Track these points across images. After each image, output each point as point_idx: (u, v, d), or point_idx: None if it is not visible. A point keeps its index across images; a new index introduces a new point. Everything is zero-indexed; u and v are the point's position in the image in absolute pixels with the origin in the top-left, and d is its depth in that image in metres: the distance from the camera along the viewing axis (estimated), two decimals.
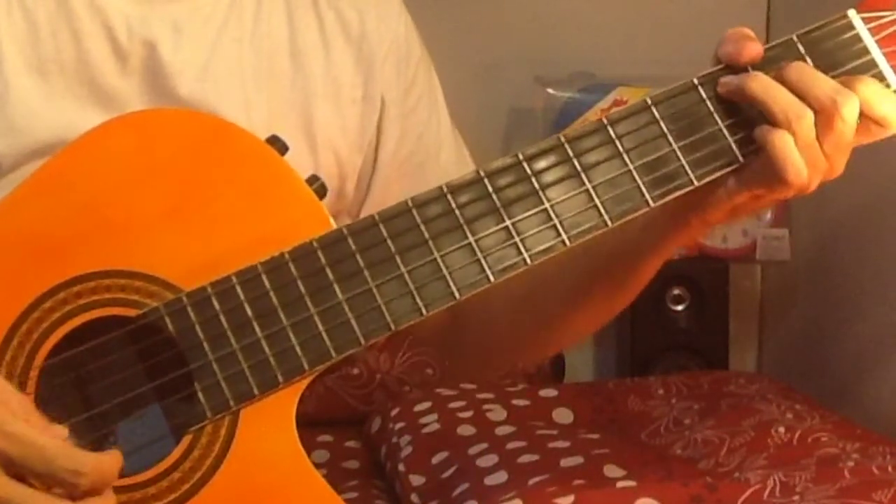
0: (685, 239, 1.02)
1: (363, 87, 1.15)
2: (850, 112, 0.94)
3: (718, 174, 0.97)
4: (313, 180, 0.98)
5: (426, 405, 2.02)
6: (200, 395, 0.93)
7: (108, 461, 0.88)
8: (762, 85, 0.95)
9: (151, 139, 0.98)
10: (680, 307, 2.44)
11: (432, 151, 1.19)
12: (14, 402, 0.88)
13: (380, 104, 1.16)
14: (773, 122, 0.94)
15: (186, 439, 0.94)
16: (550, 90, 2.37)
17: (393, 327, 0.94)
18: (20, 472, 0.86)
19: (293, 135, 1.09)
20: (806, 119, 0.93)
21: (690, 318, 2.44)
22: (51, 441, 0.86)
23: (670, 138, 0.97)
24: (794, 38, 0.98)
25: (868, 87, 0.95)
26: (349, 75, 1.14)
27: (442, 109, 1.22)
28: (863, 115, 0.95)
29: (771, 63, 0.97)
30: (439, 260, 0.95)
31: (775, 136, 0.94)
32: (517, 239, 0.95)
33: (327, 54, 1.13)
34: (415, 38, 1.20)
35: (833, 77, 0.96)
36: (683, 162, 0.96)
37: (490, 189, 0.95)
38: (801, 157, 0.93)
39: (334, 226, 0.96)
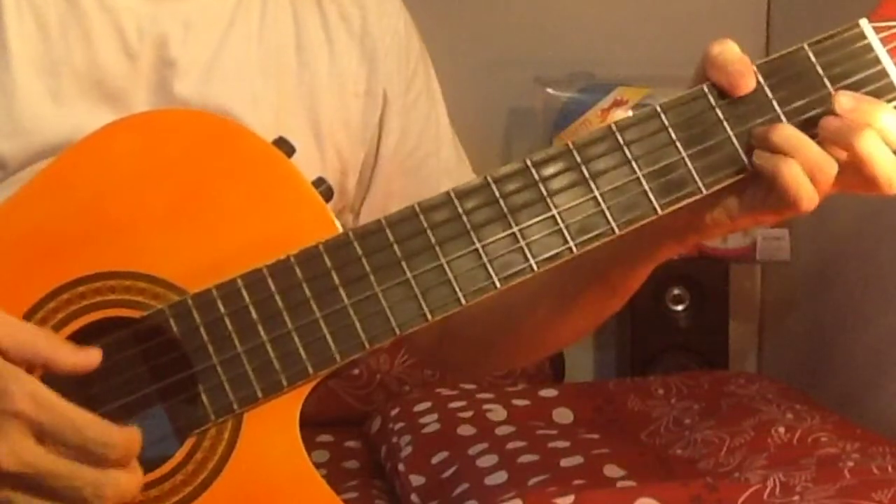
0: (681, 250, 1.03)
1: (366, 82, 1.15)
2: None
3: (727, 182, 0.96)
4: (319, 183, 0.98)
5: (426, 405, 2.03)
6: (204, 397, 0.93)
7: (136, 434, 0.88)
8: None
9: (157, 140, 0.97)
10: (680, 307, 2.45)
11: (433, 148, 1.20)
12: (41, 343, 0.88)
13: (382, 100, 1.16)
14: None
15: (190, 441, 0.93)
16: (550, 90, 2.37)
17: (398, 332, 0.94)
18: (51, 442, 0.86)
19: (300, 130, 1.09)
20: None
21: (690, 318, 2.44)
22: (82, 412, 0.87)
23: (679, 146, 0.96)
24: (805, 47, 0.97)
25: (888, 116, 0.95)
26: (353, 69, 1.14)
27: (440, 106, 1.22)
28: None
29: (779, 72, 0.97)
30: (445, 265, 0.94)
31: (784, 166, 0.94)
32: (523, 245, 0.94)
33: (331, 49, 1.14)
34: (414, 34, 1.20)
35: (848, 88, 0.96)
36: (692, 169, 0.96)
37: (497, 194, 0.95)
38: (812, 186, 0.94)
39: (340, 229, 0.96)
